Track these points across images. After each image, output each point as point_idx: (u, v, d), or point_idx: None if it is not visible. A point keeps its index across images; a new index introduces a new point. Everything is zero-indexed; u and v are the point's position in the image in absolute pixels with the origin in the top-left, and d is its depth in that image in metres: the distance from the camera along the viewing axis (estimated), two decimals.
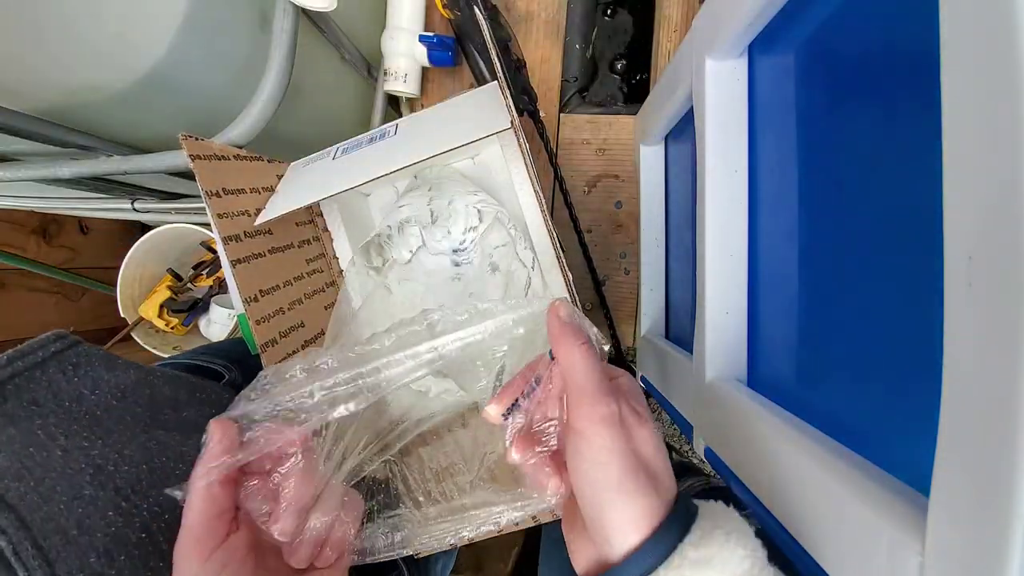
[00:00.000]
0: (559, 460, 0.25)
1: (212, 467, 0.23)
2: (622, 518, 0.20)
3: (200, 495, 0.23)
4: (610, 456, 0.21)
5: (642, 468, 0.21)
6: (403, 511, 0.30)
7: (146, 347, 0.87)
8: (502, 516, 0.28)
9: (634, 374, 0.68)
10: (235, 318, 0.90)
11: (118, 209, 0.64)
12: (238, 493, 0.25)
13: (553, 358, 0.25)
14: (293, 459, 0.25)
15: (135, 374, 0.31)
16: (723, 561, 0.19)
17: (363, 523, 0.29)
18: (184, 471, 0.26)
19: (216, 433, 0.24)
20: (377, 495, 0.32)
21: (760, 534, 0.22)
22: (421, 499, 0.32)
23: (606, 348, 0.26)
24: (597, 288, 0.68)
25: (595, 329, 0.26)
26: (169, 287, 0.90)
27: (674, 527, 0.20)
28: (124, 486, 0.24)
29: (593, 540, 0.22)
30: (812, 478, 0.23)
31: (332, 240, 0.47)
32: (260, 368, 0.30)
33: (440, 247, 0.46)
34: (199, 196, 0.34)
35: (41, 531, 0.21)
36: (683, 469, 0.45)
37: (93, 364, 0.29)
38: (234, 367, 0.42)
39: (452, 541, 0.29)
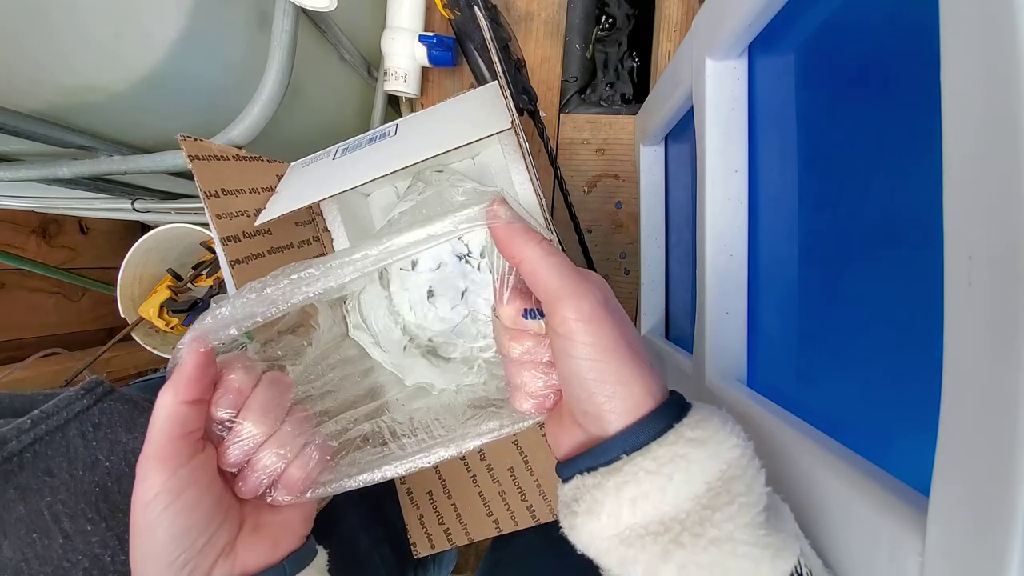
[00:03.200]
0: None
1: (182, 387, 0.23)
2: (623, 406, 0.20)
3: (166, 412, 0.23)
4: (603, 353, 0.20)
5: (637, 356, 0.21)
6: (387, 449, 0.29)
7: (146, 347, 0.87)
8: (484, 427, 0.27)
9: None
10: None
11: (118, 209, 0.64)
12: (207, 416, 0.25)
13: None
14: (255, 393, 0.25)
15: None
16: (717, 443, 0.19)
17: (330, 465, 0.28)
18: None
19: (192, 353, 0.24)
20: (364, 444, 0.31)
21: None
22: (406, 441, 0.31)
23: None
24: None
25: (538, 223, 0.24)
26: (169, 287, 0.90)
27: (671, 410, 0.20)
28: None
29: (584, 427, 0.21)
30: (813, 478, 0.23)
31: (332, 240, 0.47)
32: None
33: (442, 253, 0.45)
34: (199, 196, 0.34)
35: None
36: None
37: (114, 424, 0.29)
38: None
39: (431, 461, 0.28)
